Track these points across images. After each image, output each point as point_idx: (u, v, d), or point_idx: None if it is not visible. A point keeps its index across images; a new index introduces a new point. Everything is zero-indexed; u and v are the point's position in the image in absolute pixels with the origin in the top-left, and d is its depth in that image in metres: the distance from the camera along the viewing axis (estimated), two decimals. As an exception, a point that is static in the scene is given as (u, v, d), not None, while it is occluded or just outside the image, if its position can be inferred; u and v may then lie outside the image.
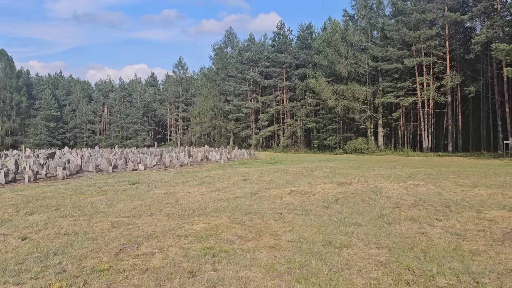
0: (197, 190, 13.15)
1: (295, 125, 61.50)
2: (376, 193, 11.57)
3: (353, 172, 19.03)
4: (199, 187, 13.91)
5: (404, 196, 11.05)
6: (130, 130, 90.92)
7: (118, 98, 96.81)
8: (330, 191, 12.17)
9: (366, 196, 11.13)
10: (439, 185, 13.18)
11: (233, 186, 13.98)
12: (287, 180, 15.69)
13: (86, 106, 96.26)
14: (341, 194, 11.59)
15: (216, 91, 75.67)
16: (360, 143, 47.39)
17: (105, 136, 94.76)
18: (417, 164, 25.24)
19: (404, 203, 10.01)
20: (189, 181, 15.93)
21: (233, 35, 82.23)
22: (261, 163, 31.13)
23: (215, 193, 12.37)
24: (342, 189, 12.48)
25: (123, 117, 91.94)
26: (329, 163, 27.29)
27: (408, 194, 11.37)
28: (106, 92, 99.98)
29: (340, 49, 48.95)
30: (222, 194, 12.13)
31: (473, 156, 37.10)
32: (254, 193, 12.25)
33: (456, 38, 44.16)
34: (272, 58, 63.42)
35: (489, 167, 21.71)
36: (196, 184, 14.96)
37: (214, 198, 11.50)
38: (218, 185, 14.31)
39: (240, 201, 10.90)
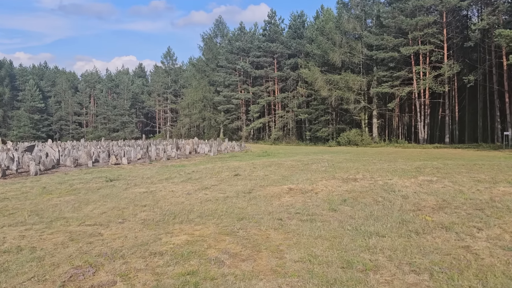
0: (181, 189, 11.48)
1: (286, 116, 59.87)
2: (388, 192, 10.02)
3: (353, 165, 17.50)
4: (185, 185, 12.24)
5: (421, 195, 9.51)
6: (117, 122, 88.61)
7: (105, 89, 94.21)
8: (335, 189, 10.58)
9: (377, 196, 9.57)
10: (455, 181, 11.69)
11: (223, 183, 12.33)
12: (283, 175, 14.09)
13: (72, 97, 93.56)
14: (348, 193, 10.01)
15: (206, 82, 73.66)
16: (354, 135, 45.97)
17: (91, 129, 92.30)
18: (418, 157, 23.81)
19: (426, 205, 8.46)
20: (174, 177, 14.24)
21: (223, 24, 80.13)
22: (252, 156, 29.50)
23: (202, 192, 10.71)
24: (348, 187, 10.91)
25: (110, 109, 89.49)
26: (325, 156, 25.75)
27: (425, 192, 9.84)
28: (92, 83, 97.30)
29: (333, 38, 47.27)
30: (210, 194, 10.48)
31: (472, 147, 35.87)
32: (247, 192, 10.62)
33: (453, 26, 42.72)
34: (263, 47, 61.56)
35: (497, 160, 20.35)
36: (181, 181, 13.27)
37: (201, 198, 9.85)
38: (206, 182, 12.65)
39: (231, 202, 9.26)
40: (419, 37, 40.44)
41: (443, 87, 40.16)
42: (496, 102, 38.93)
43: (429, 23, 39.41)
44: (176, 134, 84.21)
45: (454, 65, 39.23)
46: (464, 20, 45.86)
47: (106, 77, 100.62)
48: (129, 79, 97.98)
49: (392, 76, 42.87)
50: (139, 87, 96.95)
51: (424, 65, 41.82)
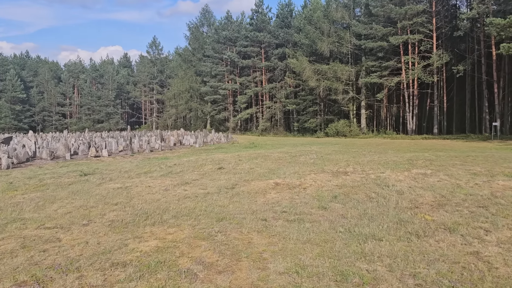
0: (159, 184, 10.63)
1: (274, 107, 59.04)
2: (382, 186, 9.32)
3: (342, 157, 16.81)
4: (163, 179, 11.39)
5: (417, 190, 8.83)
6: (102, 113, 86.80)
7: (89, 79, 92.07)
8: (324, 184, 9.85)
9: (370, 191, 8.87)
10: (451, 174, 11.05)
11: (205, 178, 11.52)
12: (270, 168, 13.33)
13: (55, 88, 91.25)
14: (338, 188, 9.29)
15: (192, 72, 72.33)
16: (342, 126, 45.41)
17: (75, 120, 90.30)
18: (408, 148, 23.27)
19: (423, 201, 7.78)
20: (154, 171, 13.37)
21: (210, 13, 78.61)
22: (239, 148, 28.71)
23: (182, 188, 9.88)
24: (338, 181, 10.19)
25: (94, 99, 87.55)
26: (313, 147, 25.08)
27: (421, 187, 9.16)
28: (76, 73, 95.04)
29: (322, 27, 46.40)
30: (190, 190, 9.66)
31: (460, 138, 35.56)
32: (230, 187, 9.83)
33: (442, 15, 42.21)
34: (250, 37, 60.42)
35: (488, 151, 19.88)
36: (161, 175, 12.42)
37: (179, 195, 9.03)
38: (187, 177, 11.81)
39: (212, 199, 8.47)
40: (408, 26, 39.84)
41: (432, 77, 39.70)
42: (484, 93, 38.64)
43: (418, 12, 38.78)
44: (163, 125, 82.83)
45: (443, 55, 38.76)
46: (453, 9, 45.39)
47: (90, 67, 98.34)
48: (114, 69, 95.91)
49: (381, 66, 42.26)
50: (124, 77, 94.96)
51: (413, 55, 41.27)
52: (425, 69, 40.12)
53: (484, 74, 37.97)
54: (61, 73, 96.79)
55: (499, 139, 32.69)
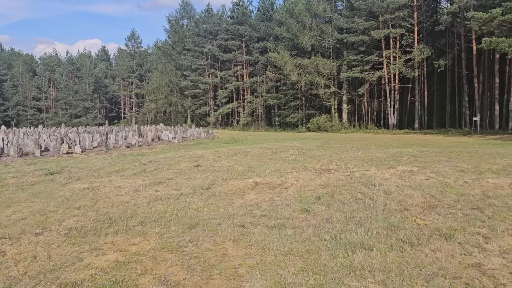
0: (130, 184, 9.85)
1: (255, 101, 58.35)
2: (368, 186, 8.77)
3: (325, 153, 16.29)
4: (135, 179, 10.60)
5: (405, 189, 8.30)
6: (79, 107, 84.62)
7: (66, 73, 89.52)
8: (307, 183, 9.25)
9: (356, 191, 8.30)
10: (438, 171, 10.61)
11: (180, 177, 10.78)
12: (249, 166, 12.68)
13: (30, 81, 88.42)
14: (322, 188, 8.69)
15: (172, 66, 70.98)
16: (323, 121, 45.08)
17: (52, 114, 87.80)
18: (390, 143, 22.93)
19: (413, 203, 7.24)
20: (126, 169, 12.55)
21: (190, 6, 77.20)
22: (219, 143, 27.96)
23: (154, 189, 9.13)
24: (322, 180, 9.60)
25: (71, 93, 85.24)
26: (294, 143, 24.54)
27: (409, 186, 8.65)
28: (52, 66, 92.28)
29: (303, 20, 45.83)
30: (163, 190, 8.92)
31: (441, 133, 35.59)
32: (206, 187, 9.13)
33: (423, 9, 42.17)
34: (231, 30, 59.47)
35: (471, 146, 19.68)
36: (133, 173, 11.62)
37: (150, 197, 8.28)
38: (161, 175, 11.05)
39: (185, 202, 7.75)
40: (389, 20, 39.62)
41: (414, 72, 39.64)
42: (464, 88, 38.78)
43: (400, 5, 38.59)
44: (142, 120, 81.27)
45: (425, 49, 38.71)
46: (434, 4, 45.42)
47: (66, 60, 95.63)
48: (91, 62, 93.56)
49: (363, 60, 42.01)
50: (102, 71, 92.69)
51: (395, 49, 41.13)
52: (407, 63, 40.05)
53: (464, 69, 38.09)
54: (36, 66, 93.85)
55: (479, 133, 32.81)
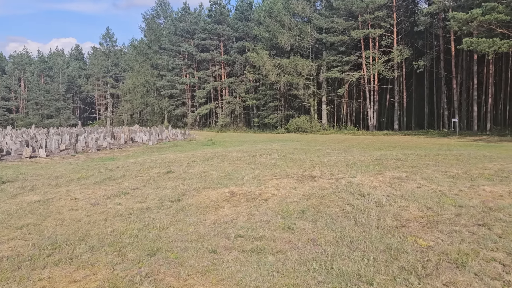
0: (90, 195, 8.71)
1: (234, 102, 57.28)
2: (356, 196, 7.90)
3: (306, 157, 15.45)
4: (97, 189, 9.46)
5: (398, 200, 7.46)
6: (51, 108, 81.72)
7: (37, 72, 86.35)
8: (289, 193, 8.31)
9: (344, 202, 7.41)
10: (428, 177, 9.86)
11: (148, 186, 9.69)
12: (226, 172, 11.68)
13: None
14: (306, 199, 7.77)
15: (148, 65, 69.22)
16: (303, 122, 44.39)
17: (22, 115, 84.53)
18: (372, 145, 22.29)
19: (410, 217, 6.38)
20: (90, 176, 11.36)
21: (166, 4, 75.50)
22: (195, 145, 26.85)
23: (115, 201, 8.03)
24: (305, 189, 8.68)
25: (42, 93, 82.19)
26: (274, 145, 23.68)
27: (401, 196, 7.82)
28: (22, 65, 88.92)
29: (282, 20, 45.04)
30: (125, 203, 7.83)
31: (421, 134, 35.33)
32: (175, 199, 8.08)
33: (402, 10, 42.00)
34: (208, 29, 58.24)
35: (454, 148, 19.17)
36: (96, 182, 10.46)
37: (109, 212, 7.18)
38: (127, 184, 9.93)
39: (149, 218, 6.69)
40: (369, 20, 39.21)
41: (393, 73, 39.34)
42: (443, 89, 38.70)
43: (379, 5, 38.21)
44: (118, 121, 79.16)
45: (404, 50, 38.45)
46: (412, 5, 45.38)
47: (38, 59, 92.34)
48: (64, 61, 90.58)
49: (342, 60, 41.50)
50: (76, 70, 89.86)
51: (374, 49, 40.76)
52: (386, 64, 39.73)
53: (443, 70, 38.00)
54: (6, 64, 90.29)
55: (458, 134, 32.68)
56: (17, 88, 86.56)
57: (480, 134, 32.78)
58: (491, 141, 25.87)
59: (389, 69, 39.44)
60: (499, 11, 24.75)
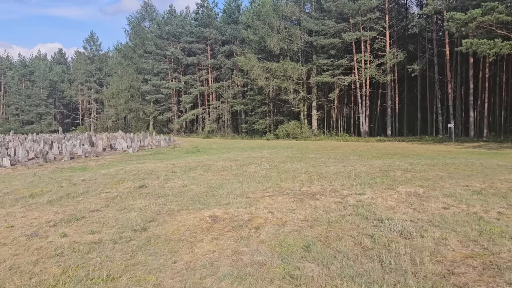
0: (32, 221, 6.84)
1: (221, 107, 55.46)
2: (372, 221, 6.19)
3: (301, 167, 13.76)
4: (46, 210, 7.59)
5: (428, 228, 5.76)
6: (32, 113, 78.87)
7: (17, 76, 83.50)
8: (287, 217, 6.57)
9: (359, 233, 5.69)
10: (450, 193, 8.23)
11: (111, 206, 7.85)
12: (209, 186, 9.90)
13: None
14: (309, 227, 6.03)
15: (133, 70, 67.03)
16: (292, 127, 42.73)
17: (1, 121, 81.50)
18: (369, 153, 20.70)
19: (456, 258, 4.68)
20: (46, 192, 9.47)
21: (152, 7, 73.56)
22: (179, 153, 24.98)
23: (61, 231, 6.17)
24: (306, 212, 6.94)
25: (23, 98, 79.34)
26: (263, 152, 21.99)
27: (430, 222, 6.14)
28: (2, 69, 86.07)
29: (271, 22, 43.48)
30: (73, 234, 5.99)
31: (415, 140, 33.93)
32: (141, 227, 6.26)
33: (395, 13, 40.82)
34: (195, 33, 56.45)
35: (460, 156, 17.69)
36: (50, 200, 8.57)
37: (45, 250, 5.32)
38: (85, 204, 8.08)
39: (98, 260, 4.87)
40: (361, 22, 37.86)
41: (386, 77, 37.99)
42: (437, 93, 37.46)
43: (371, 7, 36.95)
44: (102, 126, 76.68)
45: (398, 53, 37.13)
46: (404, 9, 44.32)
47: (19, 63, 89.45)
48: (46, 65, 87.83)
49: (333, 64, 40.04)
50: (58, 74, 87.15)
51: (366, 53, 39.40)
52: (379, 68, 38.39)
53: (437, 74, 36.79)
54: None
55: (454, 141, 31.36)
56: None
57: (477, 140, 31.54)
58: (491, 148, 24.54)
59: (382, 73, 38.09)
60: (499, 11, 23.53)
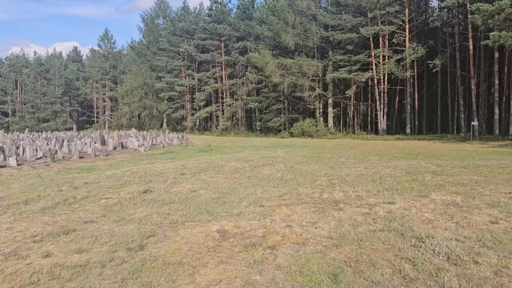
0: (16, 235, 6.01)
1: (235, 105, 54.61)
2: (410, 240, 5.21)
3: (319, 169, 12.77)
4: (35, 221, 6.78)
5: (481, 251, 4.76)
6: (47, 111, 79.13)
7: (33, 74, 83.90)
8: (307, 233, 5.63)
9: (397, 256, 4.72)
10: (493, 203, 7.16)
11: (108, 216, 7.01)
12: (220, 192, 9.01)
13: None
14: (335, 247, 5.08)
15: (146, 67, 66.63)
16: (308, 125, 41.63)
17: (18, 118, 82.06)
18: (390, 152, 19.56)
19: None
20: (42, 198, 8.70)
21: (165, 4, 72.98)
22: (191, 152, 24.19)
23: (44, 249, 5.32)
24: (330, 225, 5.99)
25: (39, 96, 79.65)
26: (278, 152, 21.02)
27: (480, 241, 5.12)
28: (18, 67, 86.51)
29: (286, 17, 42.37)
30: (57, 254, 5.14)
31: (436, 139, 32.50)
32: (137, 244, 5.39)
33: (414, 6, 39.30)
34: (209, 29, 55.66)
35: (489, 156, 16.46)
36: (44, 207, 7.78)
37: (18, 276, 4.44)
38: (80, 214, 7.25)
39: (79, 291, 4.03)
40: (379, 16, 36.50)
41: (405, 73, 36.57)
42: (459, 90, 35.92)
43: (391, 0, 35.55)
44: (116, 124, 76.50)
45: (418, 48, 35.64)
46: (423, 1, 42.69)
47: (34, 61, 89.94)
48: (61, 63, 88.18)
49: (350, 60, 38.75)
50: (73, 72, 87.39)
51: (384, 48, 38.02)
52: (398, 63, 36.99)
53: (459, 69, 35.26)
54: (1, 67, 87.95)
55: (478, 139, 29.90)
56: (12, 91, 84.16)
57: (502, 139, 30.00)
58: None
59: (401, 68, 36.69)
60: (530, 2, 22.09)
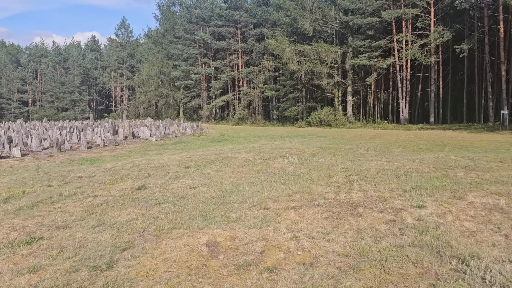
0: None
1: (252, 93, 53.37)
2: (450, 261, 4.04)
3: (336, 162, 11.60)
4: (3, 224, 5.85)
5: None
6: (66, 100, 79.42)
7: (52, 64, 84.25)
8: (318, 250, 4.53)
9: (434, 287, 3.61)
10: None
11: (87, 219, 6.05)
12: (222, 189, 7.97)
13: (14, 73, 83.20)
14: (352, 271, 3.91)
15: (163, 56, 65.88)
16: (326, 114, 40.16)
17: (37, 108, 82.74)
18: (414, 143, 18.15)
19: None
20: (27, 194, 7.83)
21: (182, -10, 71.71)
22: (203, 142, 23.26)
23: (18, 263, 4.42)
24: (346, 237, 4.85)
25: (57, 85, 79.95)
26: (294, 142, 19.91)
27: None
28: (38, 57, 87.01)
29: (304, 2, 40.70)
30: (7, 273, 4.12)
31: (462, 128, 30.68)
32: (106, 261, 4.37)
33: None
34: (225, 16, 54.33)
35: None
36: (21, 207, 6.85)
37: None
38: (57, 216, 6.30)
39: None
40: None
41: (430, 58, 34.64)
42: (488, 76, 33.86)
43: (415, -19, 33.59)
44: (134, 113, 76.31)
45: (444, 31, 33.63)
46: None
47: (53, 51, 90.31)
48: (80, 52, 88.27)
49: (371, 46, 36.95)
50: (91, 61, 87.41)
51: (407, 32, 36.08)
52: (422, 49, 35.07)
53: (487, 54, 33.18)
54: (22, 56, 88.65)
55: (508, 129, 28.07)
56: (32, 80, 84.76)
57: (535, 128, 28.09)
58: (556, 138, 21.38)
59: (426, 54, 34.78)
60: None
